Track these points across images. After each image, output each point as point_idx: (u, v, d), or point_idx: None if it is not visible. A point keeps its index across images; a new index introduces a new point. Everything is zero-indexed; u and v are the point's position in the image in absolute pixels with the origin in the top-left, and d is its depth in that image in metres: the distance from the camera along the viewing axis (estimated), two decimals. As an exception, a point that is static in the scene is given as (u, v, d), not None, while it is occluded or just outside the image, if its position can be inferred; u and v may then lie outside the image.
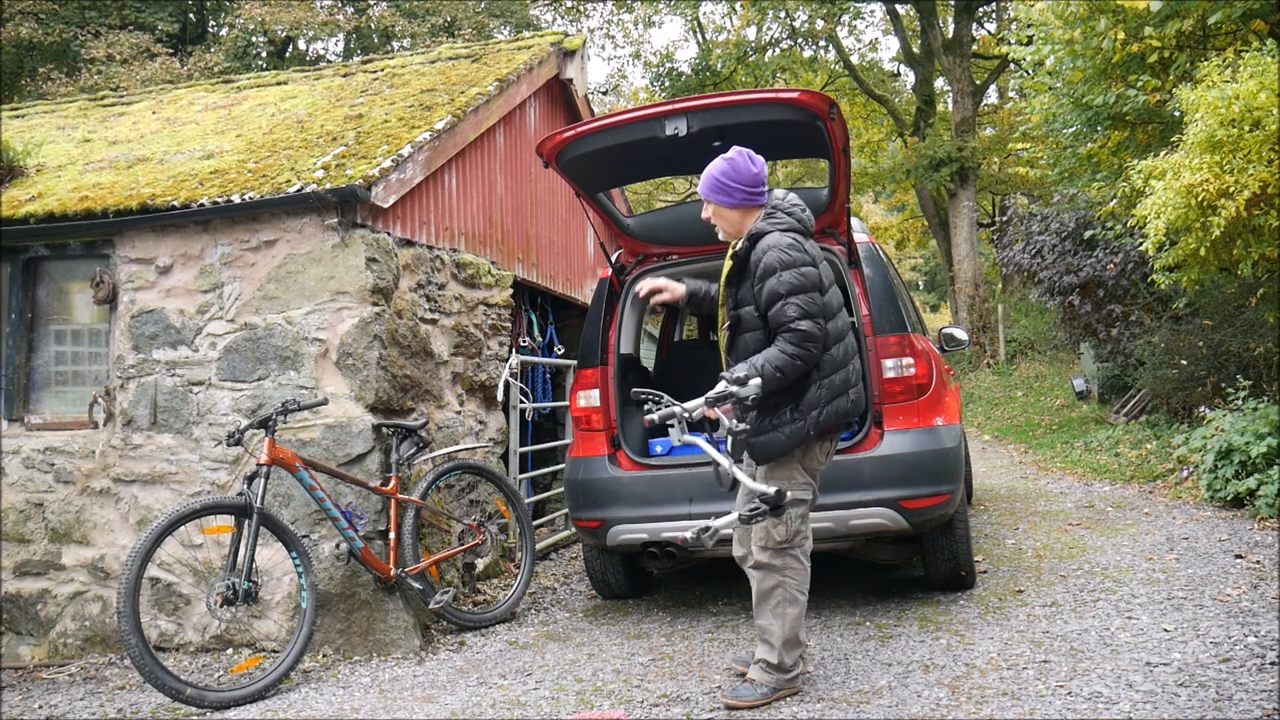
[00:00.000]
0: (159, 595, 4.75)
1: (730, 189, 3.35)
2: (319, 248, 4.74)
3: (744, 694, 3.32)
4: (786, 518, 3.30)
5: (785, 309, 3.20)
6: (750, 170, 3.35)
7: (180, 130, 6.57)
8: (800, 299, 3.21)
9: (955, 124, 18.89)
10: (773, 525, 3.31)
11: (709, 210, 3.44)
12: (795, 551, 3.36)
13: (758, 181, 3.36)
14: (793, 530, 3.34)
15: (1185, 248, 6.03)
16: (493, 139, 6.40)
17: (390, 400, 4.76)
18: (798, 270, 3.23)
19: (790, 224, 3.34)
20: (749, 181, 3.34)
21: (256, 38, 18.33)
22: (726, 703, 3.32)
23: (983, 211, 24.05)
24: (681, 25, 28.80)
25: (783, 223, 3.34)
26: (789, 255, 3.24)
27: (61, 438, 5.03)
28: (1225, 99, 5.45)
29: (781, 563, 3.34)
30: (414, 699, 3.79)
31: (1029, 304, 18.01)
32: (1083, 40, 7.49)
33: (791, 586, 3.34)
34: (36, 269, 5.29)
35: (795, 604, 3.33)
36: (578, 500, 4.68)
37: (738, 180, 3.34)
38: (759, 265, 3.26)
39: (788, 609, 3.32)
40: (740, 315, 3.37)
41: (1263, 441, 5.79)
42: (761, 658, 3.36)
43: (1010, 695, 3.20)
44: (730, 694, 3.35)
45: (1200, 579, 4.46)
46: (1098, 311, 10.43)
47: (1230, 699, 2.98)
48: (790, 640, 3.33)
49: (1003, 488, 8.06)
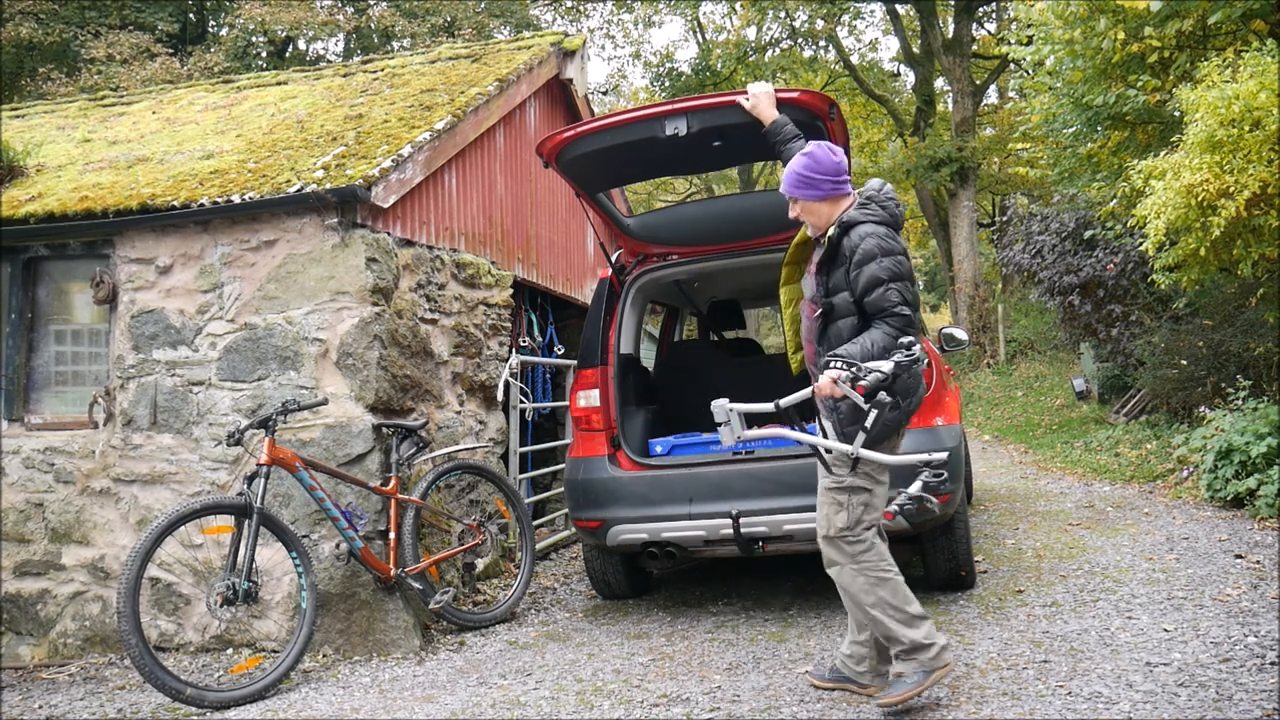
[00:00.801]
0: (159, 595, 4.75)
1: (815, 181, 3.34)
2: (319, 248, 4.74)
3: (896, 689, 3.14)
4: (848, 503, 3.21)
5: (888, 294, 3.17)
6: (831, 160, 3.36)
7: (180, 130, 6.57)
8: (900, 286, 3.19)
9: (955, 124, 18.89)
10: (834, 511, 3.23)
11: (796, 208, 3.42)
12: (861, 535, 3.23)
13: (840, 171, 3.36)
14: (854, 517, 3.22)
15: (1185, 248, 6.03)
16: (493, 139, 6.40)
17: (390, 400, 4.76)
18: (896, 258, 3.22)
19: (883, 216, 3.33)
20: (832, 171, 3.34)
21: (256, 38, 18.33)
22: (880, 702, 3.15)
23: (983, 211, 24.05)
24: (681, 25, 28.83)
25: (876, 215, 3.32)
26: (887, 243, 3.24)
27: (61, 438, 5.03)
28: (1225, 99, 5.44)
29: (850, 549, 3.23)
30: (414, 699, 3.79)
31: (1029, 304, 18.01)
32: (1083, 40, 7.49)
33: (870, 569, 3.21)
34: (36, 269, 5.29)
35: (884, 583, 3.19)
36: (578, 500, 4.69)
37: (821, 172, 3.34)
38: (855, 251, 3.23)
39: (880, 591, 3.19)
40: (834, 303, 3.31)
41: (1263, 441, 5.79)
42: (897, 651, 3.18)
43: (1010, 695, 3.20)
44: (883, 694, 3.17)
45: (1200, 579, 4.46)
46: (1098, 311, 10.42)
47: (1230, 699, 2.99)
48: (904, 618, 3.17)
49: (1003, 488, 8.06)
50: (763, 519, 4.22)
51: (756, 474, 4.36)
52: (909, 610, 3.18)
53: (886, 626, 3.18)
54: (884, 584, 3.20)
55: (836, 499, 3.24)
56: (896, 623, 3.17)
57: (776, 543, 4.34)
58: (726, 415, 3.22)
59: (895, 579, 3.22)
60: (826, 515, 3.26)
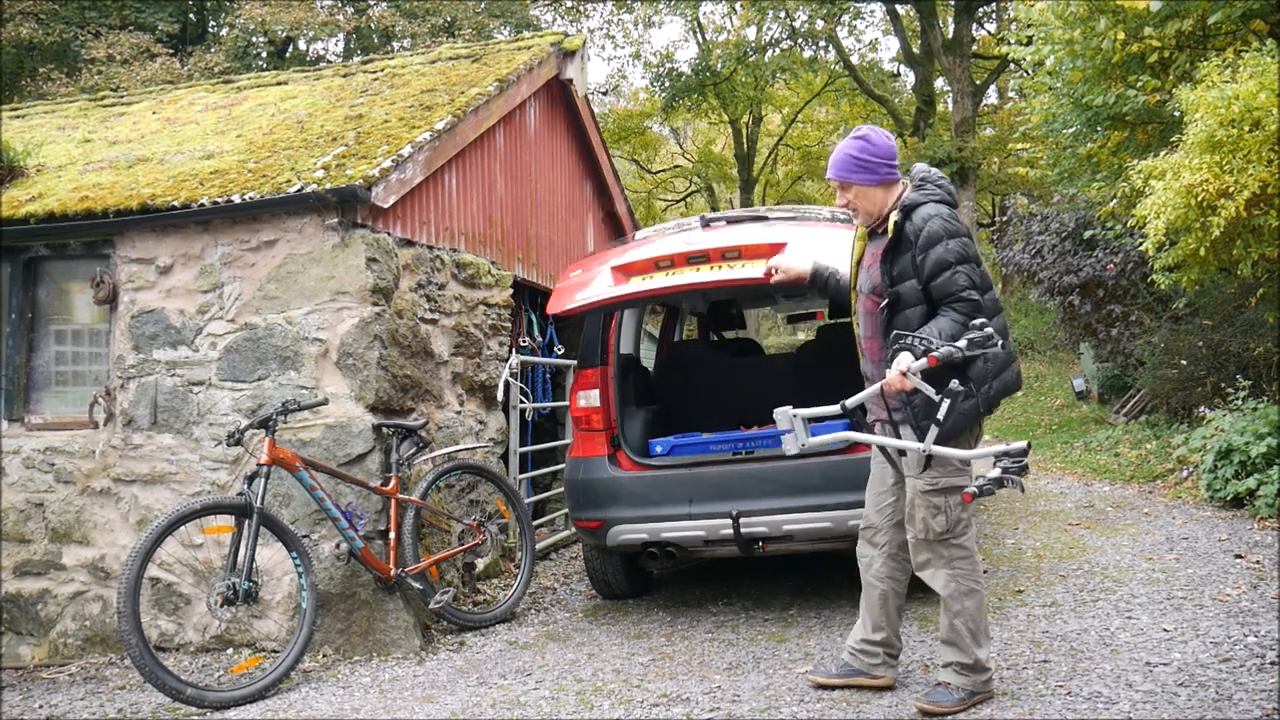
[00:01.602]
0: (159, 595, 4.75)
1: (873, 165, 3.20)
2: (319, 248, 4.74)
3: (941, 699, 3.08)
4: (945, 505, 3.10)
5: (955, 277, 3.05)
6: (886, 143, 3.24)
7: (180, 130, 6.57)
8: (967, 268, 3.07)
9: (955, 124, 18.89)
10: (931, 516, 3.11)
11: (849, 194, 3.25)
12: (959, 540, 3.15)
13: (894, 154, 3.24)
14: (954, 519, 3.12)
15: (1185, 248, 6.03)
16: (493, 139, 6.40)
17: (390, 400, 4.76)
18: (961, 240, 3.10)
19: (942, 195, 3.21)
20: (886, 154, 3.22)
21: (256, 38, 18.32)
22: (921, 707, 3.08)
23: (983, 211, 24.04)
24: (681, 25, 28.83)
25: (934, 194, 3.19)
26: (952, 225, 3.11)
27: (62, 438, 5.04)
28: (1225, 99, 5.44)
29: (948, 553, 3.13)
30: (414, 699, 3.79)
31: (1029, 304, 18.00)
32: (1083, 40, 7.49)
33: (964, 577, 3.12)
34: (37, 269, 5.29)
35: (972, 595, 3.12)
36: (578, 500, 4.69)
37: (877, 155, 3.20)
38: (921, 234, 3.09)
39: (965, 601, 3.11)
40: (900, 292, 3.15)
41: (1262, 441, 5.79)
42: (952, 660, 3.14)
43: (1010, 695, 3.20)
44: (925, 699, 3.11)
45: (1200, 579, 4.46)
46: (1098, 311, 10.42)
47: (1230, 699, 2.99)
48: (978, 634, 3.12)
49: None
50: (763, 519, 4.23)
51: (756, 474, 4.36)
52: (986, 628, 3.15)
53: (961, 637, 3.12)
54: (973, 595, 3.14)
55: (933, 502, 3.11)
56: (971, 636, 3.11)
57: (776, 543, 4.35)
58: (791, 422, 3.09)
59: (983, 592, 3.17)
60: (924, 519, 3.13)
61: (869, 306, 3.30)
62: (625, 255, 4.59)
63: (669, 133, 32.55)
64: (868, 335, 3.35)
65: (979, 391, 3.10)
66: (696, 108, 23.91)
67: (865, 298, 3.33)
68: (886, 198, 3.24)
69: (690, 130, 32.79)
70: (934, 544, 3.14)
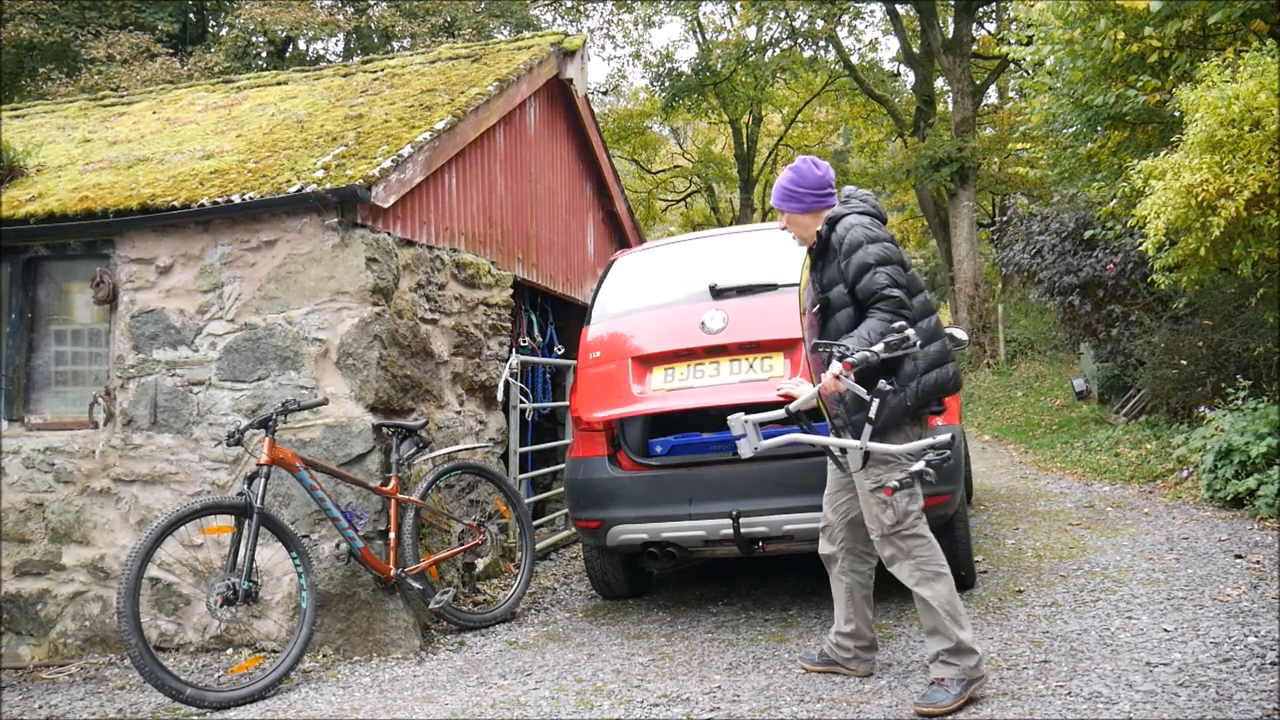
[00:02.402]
0: (159, 595, 4.75)
1: (798, 194, 3.47)
2: (319, 248, 4.74)
3: (937, 699, 3.11)
4: (893, 500, 3.24)
5: (876, 277, 3.24)
6: (815, 174, 3.48)
7: (180, 130, 6.57)
8: (889, 269, 3.26)
9: (955, 124, 18.88)
10: (881, 511, 3.26)
11: (783, 220, 3.56)
12: (913, 530, 3.27)
13: (823, 184, 3.48)
14: (901, 512, 3.26)
15: (1185, 248, 6.03)
16: (493, 139, 6.40)
17: (390, 400, 4.76)
18: (882, 244, 3.30)
19: (865, 208, 3.44)
20: (814, 185, 3.47)
21: (256, 38, 18.32)
22: (919, 710, 3.11)
23: (983, 211, 24.05)
24: (681, 25, 28.83)
25: (858, 207, 3.44)
26: (872, 231, 3.33)
27: (61, 438, 5.04)
28: (1225, 99, 5.44)
29: (905, 545, 3.27)
30: (414, 699, 3.79)
31: (1029, 304, 18.01)
32: (1083, 40, 7.49)
33: (926, 564, 3.25)
34: (36, 269, 5.29)
35: (940, 579, 3.23)
36: (578, 500, 4.69)
37: (804, 186, 3.47)
38: (843, 242, 3.32)
39: (934, 586, 3.22)
40: (830, 297, 3.38)
41: (1262, 441, 5.79)
42: (938, 650, 3.21)
43: (1010, 695, 3.20)
44: (923, 701, 3.14)
45: (1200, 579, 4.46)
46: (1098, 311, 10.42)
47: (1230, 699, 2.99)
48: (954, 616, 3.19)
49: (1003, 488, 8.06)
50: (763, 519, 4.22)
51: (756, 474, 4.36)
52: (960, 610, 3.23)
53: (940, 621, 3.20)
54: (940, 579, 3.24)
55: (880, 498, 3.26)
56: (949, 619, 3.19)
57: (776, 543, 4.34)
58: (744, 428, 3.30)
59: (949, 576, 3.28)
60: (875, 516, 3.30)
61: (810, 322, 3.53)
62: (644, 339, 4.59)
63: (669, 133, 32.57)
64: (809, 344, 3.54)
65: (907, 388, 3.27)
66: (696, 108, 23.91)
67: (809, 314, 3.54)
68: (814, 223, 3.49)
69: (690, 130, 32.81)
70: (890, 538, 3.30)
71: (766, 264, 4.62)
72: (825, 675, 3.58)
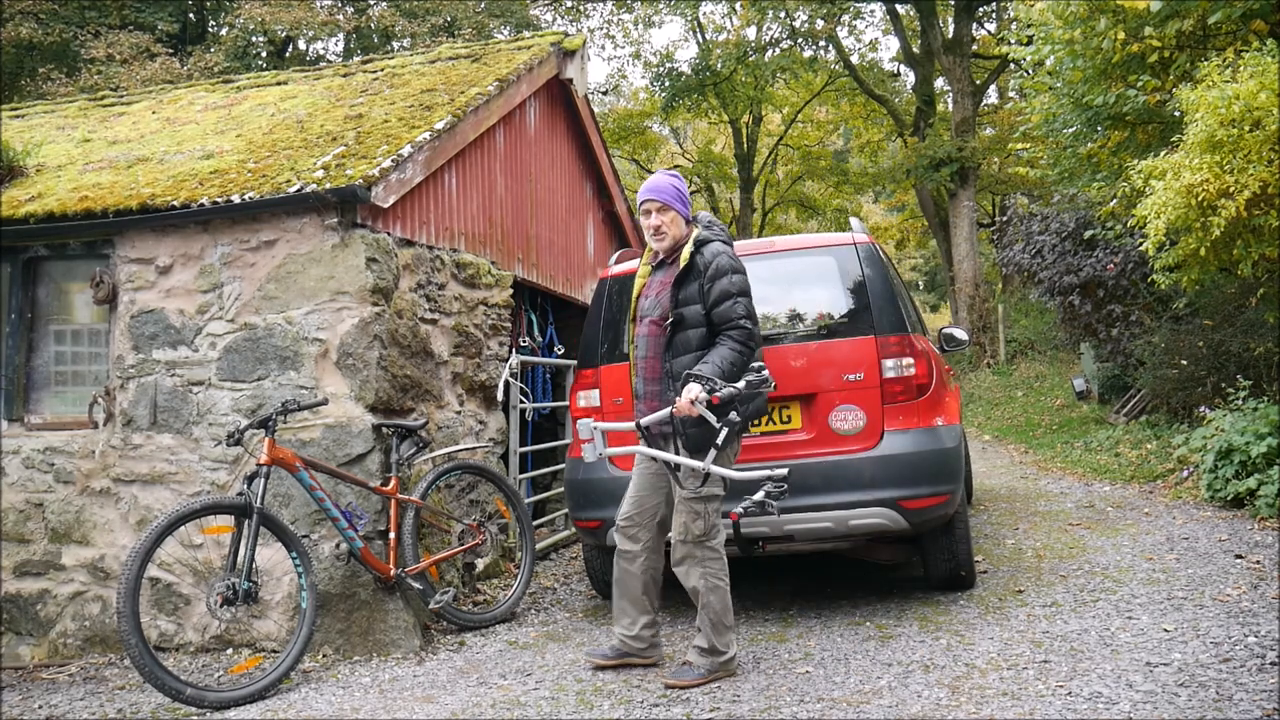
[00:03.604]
0: (159, 595, 4.75)
1: (686, 201, 3.85)
2: (319, 248, 4.74)
3: (684, 675, 3.62)
4: (704, 512, 3.60)
5: (735, 307, 3.56)
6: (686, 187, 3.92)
7: (180, 130, 6.57)
8: (746, 301, 3.60)
9: (955, 124, 18.87)
10: (691, 520, 3.60)
11: (665, 217, 3.76)
12: (712, 543, 3.65)
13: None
14: (710, 524, 3.63)
15: (1185, 248, 6.03)
16: (493, 139, 6.39)
17: (390, 400, 4.75)
18: (743, 276, 3.65)
19: (726, 237, 3.82)
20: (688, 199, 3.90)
21: (256, 38, 18.32)
22: (666, 682, 3.61)
23: (983, 211, 24.04)
24: (681, 25, 28.84)
25: (720, 235, 3.79)
26: (735, 262, 3.67)
27: (61, 438, 5.03)
28: (1225, 99, 5.44)
29: (701, 554, 3.63)
30: (414, 699, 3.79)
31: (1029, 304, 18.00)
32: (1083, 40, 7.49)
33: (712, 575, 3.63)
34: (36, 269, 5.29)
35: (717, 591, 3.62)
36: (578, 500, 4.69)
37: (686, 196, 3.86)
38: (710, 266, 3.62)
39: (712, 596, 3.61)
40: (684, 314, 3.67)
41: (1263, 441, 5.79)
42: (699, 644, 3.67)
43: (1010, 695, 3.20)
44: (671, 675, 3.65)
45: (1200, 579, 4.46)
46: (1098, 311, 10.42)
47: (1230, 699, 2.99)
48: (719, 625, 3.62)
49: (1003, 488, 8.06)
50: (763, 519, 4.22)
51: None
52: (729, 620, 3.66)
53: (712, 625, 3.62)
54: (718, 591, 3.63)
55: (694, 508, 3.60)
56: (713, 627, 3.62)
57: (776, 543, 4.34)
58: (591, 433, 3.64)
59: (728, 588, 3.67)
60: (685, 523, 3.62)
61: (651, 330, 3.76)
62: None
63: (669, 133, 32.57)
64: (649, 355, 3.78)
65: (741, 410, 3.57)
66: (696, 108, 23.90)
67: (648, 322, 3.78)
68: (685, 231, 3.81)
69: (690, 130, 32.81)
70: (691, 545, 3.64)
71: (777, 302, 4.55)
72: (821, 674, 3.57)
